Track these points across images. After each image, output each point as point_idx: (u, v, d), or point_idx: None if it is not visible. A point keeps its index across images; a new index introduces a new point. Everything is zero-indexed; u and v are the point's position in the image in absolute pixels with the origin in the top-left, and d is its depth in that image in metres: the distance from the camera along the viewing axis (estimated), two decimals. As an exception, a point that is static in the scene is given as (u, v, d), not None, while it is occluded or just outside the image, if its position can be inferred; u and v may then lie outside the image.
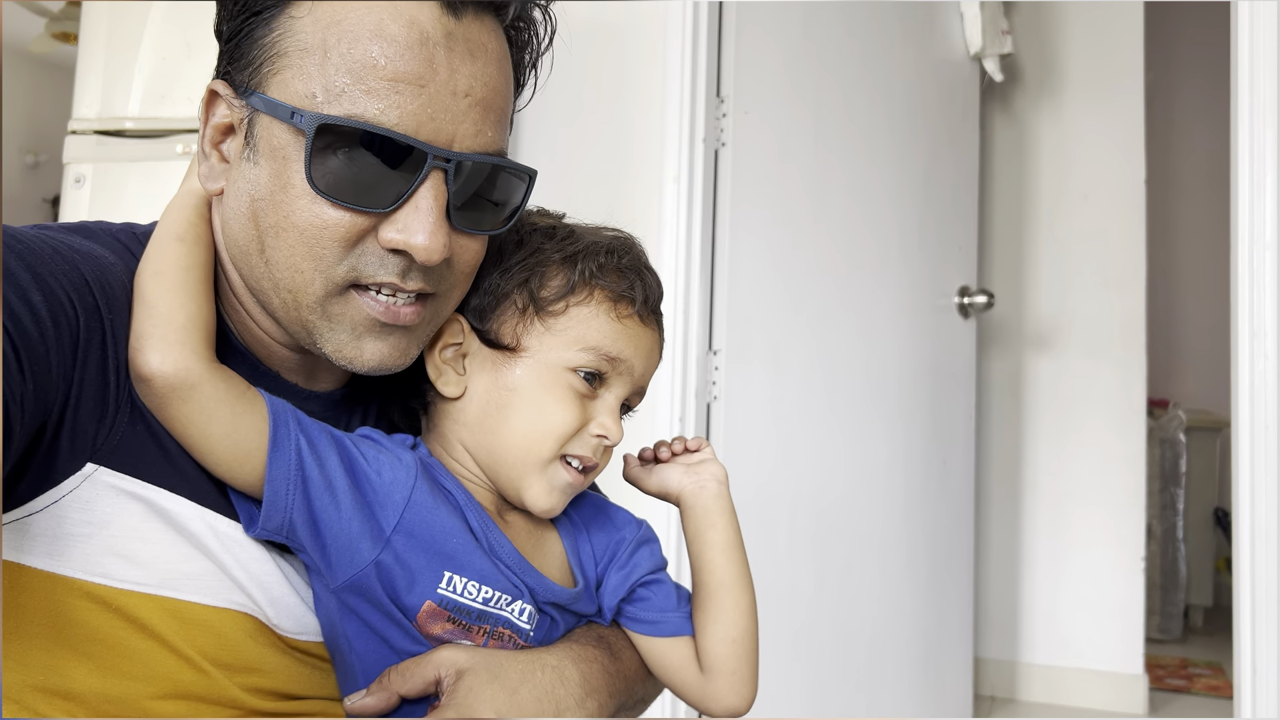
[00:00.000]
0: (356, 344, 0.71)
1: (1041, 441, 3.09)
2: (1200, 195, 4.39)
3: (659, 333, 0.81)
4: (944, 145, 2.63)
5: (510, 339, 0.76)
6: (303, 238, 0.68)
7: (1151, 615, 3.67)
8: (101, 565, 0.65)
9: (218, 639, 0.68)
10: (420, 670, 0.71)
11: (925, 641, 2.54)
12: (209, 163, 0.74)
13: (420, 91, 0.67)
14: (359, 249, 0.69)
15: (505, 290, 0.77)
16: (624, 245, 0.81)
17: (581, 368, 0.76)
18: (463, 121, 0.69)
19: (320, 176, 0.66)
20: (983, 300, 2.69)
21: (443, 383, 0.77)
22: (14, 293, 0.60)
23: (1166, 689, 3.16)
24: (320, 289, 0.69)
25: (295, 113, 0.66)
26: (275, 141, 0.68)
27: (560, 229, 0.81)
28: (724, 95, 2.12)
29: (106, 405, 0.65)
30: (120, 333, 0.67)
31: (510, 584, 0.74)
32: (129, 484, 0.66)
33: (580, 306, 0.76)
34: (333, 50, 0.67)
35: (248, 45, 0.70)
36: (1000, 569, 3.09)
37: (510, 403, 0.76)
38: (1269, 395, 1.67)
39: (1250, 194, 1.71)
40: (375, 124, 0.66)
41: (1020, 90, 3.15)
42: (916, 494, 2.51)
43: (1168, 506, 3.92)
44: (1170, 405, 4.07)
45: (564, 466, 0.76)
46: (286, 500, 0.68)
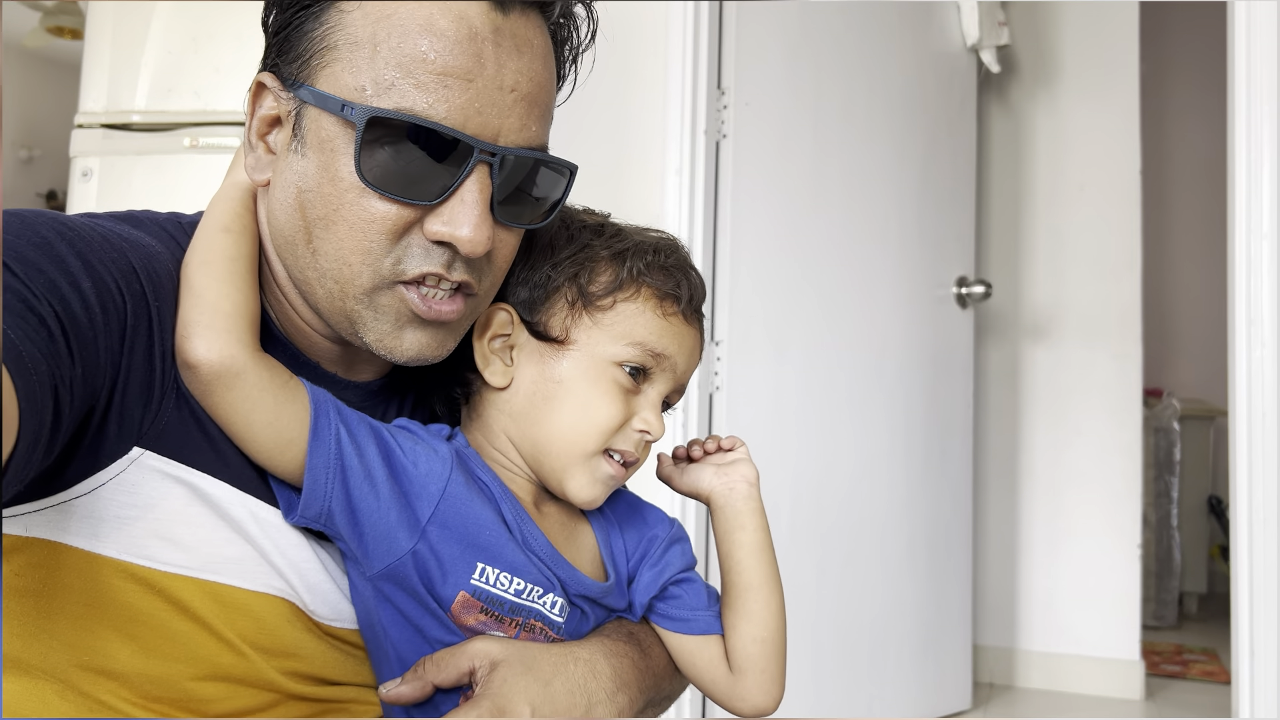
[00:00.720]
0: (397, 334, 0.72)
1: (1038, 430, 3.11)
2: (1193, 186, 4.41)
3: (700, 332, 0.82)
4: (942, 136, 2.65)
5: (559, 331, 0.77)
6: (351, 230, 0.69)
7: (1147, 602, 3.70)
8: (145, 548, 0.66)
9: (257, 623, 0.69)
10: (454, 660, 0.72)
11: (925, 628, 2.56)
12: (255, 154, 0.75)
13: (468, 86, 0.68)
14: (404, 241, 0.70)
15: (556, 283, 0.78)
16: (670, 245, 0.82)
17: (627, 362, 0.77)
18: (509, 116, 0.70)
19: (369, 169, 0.67)
20: (980, 290, 2.71)
21: (490, 372, 0.78)
22: (64, 279, 0.61)
23: (1162, 675, 3.19)
24: (367, 281, 0.70)
25: (346, 105, 0.67)
26: (323, 134, 0.70)
27: (609, 227, 0.82)
28: (725, 87, 2.13)
29: (153, 391, 0.66)
30: (166, 320, 0.68)
31: (542, 576, 0.75)
32: (174, 468, 0.67)
33: (628, 302, 0.77)
34: (382, 44, 0.68)
35: (297, 38, 0.71)
36: (998, 557, 3.11)
37: (556, 394, 0.77)
38: (1266, 383, 1.69)
39: (1247, 184, 1.73)
40: (424, 117, 0.67)
41: (1016, 82, 3.16)
42: (916, 482, 2.53)
43: (1162, 494, 3.94)
44: (1164, 394, 4.09)
45: (606, 460, 0.77)
46: (326, 489, 0.69)
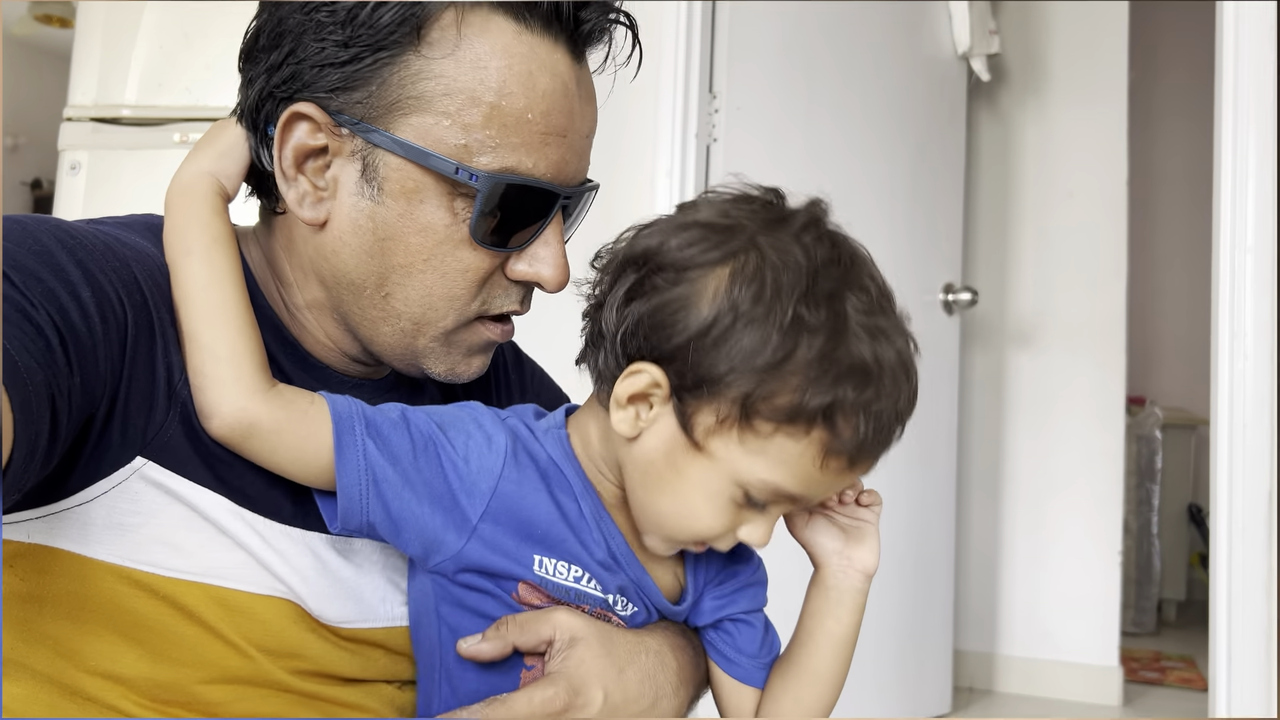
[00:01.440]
0: (466, 361, 0.76)
1: (1022, 436, 3.13)
2: (1178, 195, 4.44)
3: (875, 462, 0.69)
4: (931, 143, 2.66)
5: (699, 435, 0.66)
6: (441, 279, 0.71)
7: (1126, 609, 3.73)
8: (147, 554, 0.65)
9: (262, 625, 0.69)
10: (536, 626, 0.71)
11: (906, 632, 2.57)
12: (297, 189, 0.72)
13: (563, 141, 0.71)
14: (489, 285, 0.73)
15: (724, 384, 0.63)
16: (894, 373, 0.65)
17: (751, 494, 0.67)
18: (583, 160, 0.74)
19: (479, 229, 0.70)
20: (966, 297, 2.72)
21: (618, 419, 0.69)
22: (64, 288, 0.60)
23: (1140, 681, 3.21)
24: (451, 323, 0.73)
25: (460, 168, 0.68)
26: (409, 183, 0.69)
27: (823, 319, 0.63)
28: (716, 91, 2.14)
29: (156, 402, 0.66)
30: (170, 331, 0.67)
31: (610, 573, 0.72)
32: (174, 481, 0.66)
33: (788, 440, 0.64)
34: (481, 100, 0.67)
35: (368, 78, 0.68)
36: (980, 562, 3.13)
37: (668, 482, 0.68)
38: (1247, 394, 1.70)
39: (1232, 198, 1.74)
40: (531, 176, 0.69)
41: (1006, 89, 3.18)
42: (900, 487, 2.54)
43: (1143, 502, 3.97)
44: (1147, 402, 4.12)
45: (697, 545, 0.72)
46: (361, 505, 0.68)
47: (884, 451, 0.67)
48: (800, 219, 0.68)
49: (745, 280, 0.64)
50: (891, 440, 0.67)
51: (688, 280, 0.65)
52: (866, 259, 0.70)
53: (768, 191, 0.72)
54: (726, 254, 0.65)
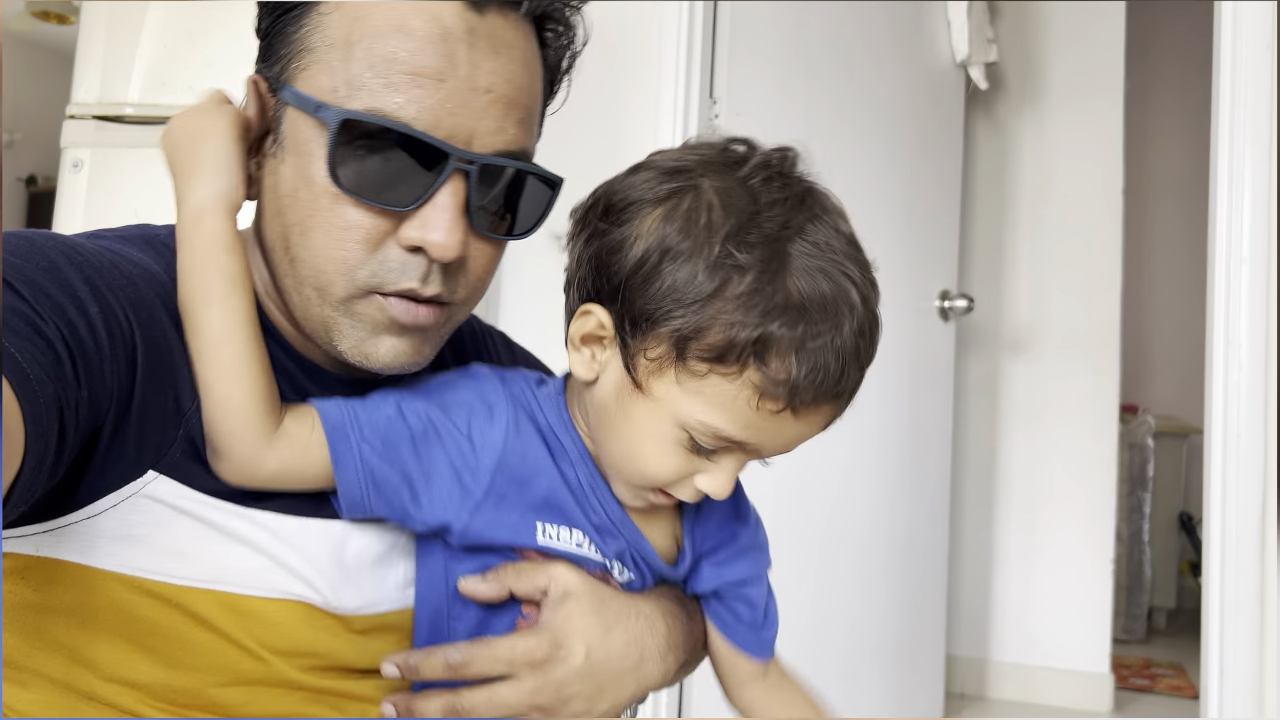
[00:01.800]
0: (374, 341, 0.71)
1: (1016, 444, 3.14)
2: (1173, 205, 4.46)
3: (827, 415, 0.67)
4: (929, 150, 2.67)
5: (640, 375, 0.66)
6: (326, 237, 0.68)
7: (1116, 616, 3.73)
8: (158, 563, 0.66)
9: (274, 628, 0.69)
10: (534, 575, 0.72)
11: (899, 638, 2.58)
12: (252, 160, 0.75)
13: (440, 86, 0.66)
14: (381, 252, 0.69)
15: (661, 323, 0.64)
16: (836, 304, 0.63)
17: (692, 435, 0.66)
18: (483, 118, 0.68)
19: (343, 174, 0.66)
20: (963, 304, 2.73)
21: (574, 362, 0.71)
22: (71, 303, 0.61)
23: (1131, 688, 3.23)
24: (343, 291, 0.69)
25: (320, 107, 0.67)
26: (300, 137, 0.69)
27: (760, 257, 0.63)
28: (717, 97, 2.14)
29: (168, 416, 0.67)
30: (176, 348, 0.68)
31: (607, 535, 0.73)
32: (183, 492, 0.67)
33: (722, 379, 0.63)
34: (356, 45, 0.67)
35: (279, 41, 0.71)
36: (973, 568, 3.14)
37: (617, 423, 0.69)
38: (1241, 405, 1.71)
39: (1228, 209, 1.75)
40: (394, 118, 0.66)
41: (1003, 98, 3.19)
42: (894, 492, 2.55)
43: (1135, 510, 3.98)
44: (1139, 410, 4.13)
45: (655, 493, 0.71)
46: (364, 503, 0.70)
47: (829, 398, 0.64)
48: (756, 163, 0.68)
49: (677, 218, 0.64)
50: (834, 385, 0.64)
51: (627, 221, 0.66)
52: (832, 209, 0.69)
53: (738, 140, 0.71)
54: (666, 194, 0.66)
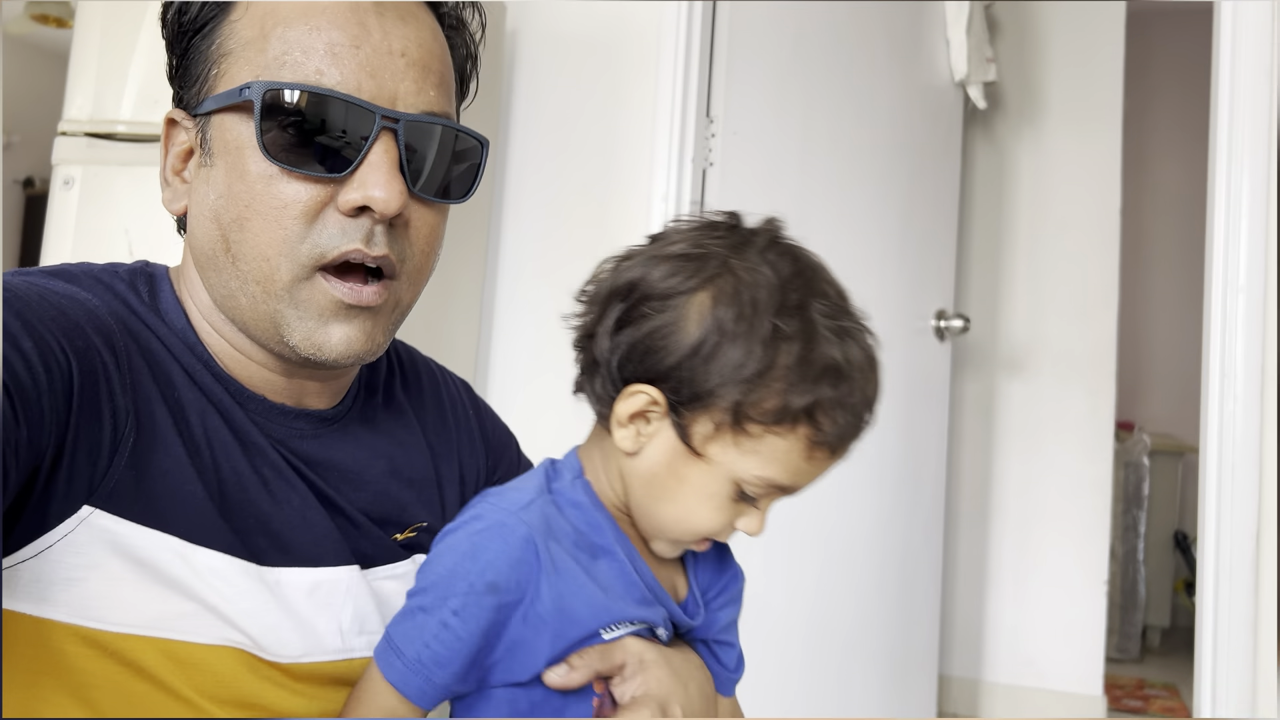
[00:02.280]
0: (324, 330, 0.71)
1: (1011, 463, 3.14)
2: (1169, 225, 4.47)
3: (844, 455, 0.76)
4: (926, 170, 2.66)
5: (697, 443, 0.72)
6: (265, 222, 0.69)
7: (1110, 635, 3.73)
8: (94, 609, 0.64)
9: (215, 677, 0.68)
10: (612, 654, 0.74)
11: (892, 657, 2.57)
12: (171, 188, 0.76)
13: (356, 51, 0.69)
14: (319, 222, 0.69)
15: (716, 397, 0.70)
16: (860, 367, 0.73)
17: (748, 490, 0.74)
18: (403, 80, 0.71)
19: (272, 147, 0.68)
20: (959, 324, 2.72)
21: (620, 437, 0.75)
22: (5, 341, 0.59)
23: (1124, 709, 3.22)
24: (287, 273, 0.70)
25: (242, 88, 0.68)
26: (228, 136, 0.70)
27: (793, 326, 0.71)
28: (714, 116, 2.14)
29: (102, 448, 0.65)
30: (114, 373, 0.67)
31: (649, 607, 0.77)
32: (122, 526, 0.65)
33: (777, 438, 0.71)
34: (271, 34, 0.69)
35: (192, 64, 0.73)
36: (967, 588, 3.13)
37: (670, 488, 0.75)
38: (1237, 435, 1.71)
39: (1225, 238, 1.75)
40: (316, 86, 0.68)
41: (1002, 118, 3.19)
42: (889, 511, 2.54)
43: (1129, 528, 3.98)
44: (1135, 429, 4.13)
45: (700, 542, 0.78)
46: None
47: (857, 435, 0.75)
48: (762, 239, 0.76)
49: (725, 302, 0.71)
50: (864, 427, 0.75)
51: (673, 307, 0.72)
52: (821, 266, 0.78)
53: (728, 216, 0.78)
54: (704, 280, 0.73)
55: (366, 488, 0.81)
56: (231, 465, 0.72)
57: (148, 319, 0.73)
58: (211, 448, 0.71)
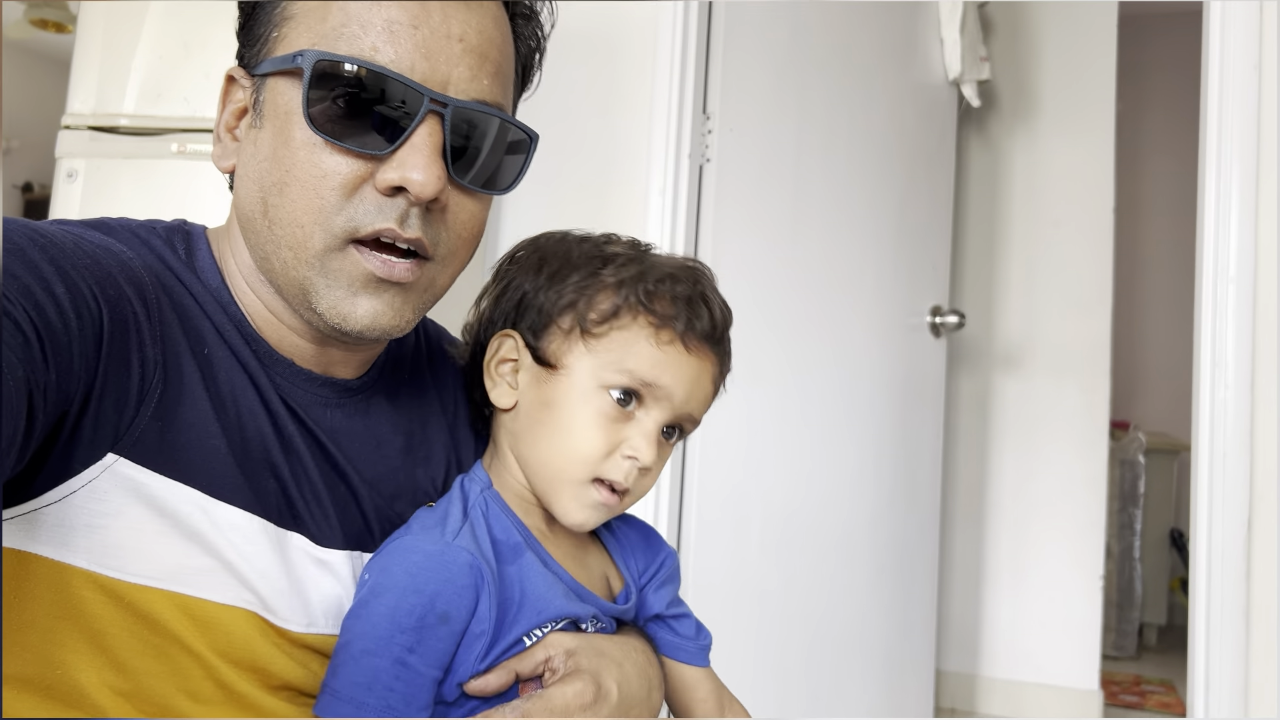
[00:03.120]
0: (351, 300, 0.71)
1: (1007, 460, 3.15)
2: (1164, 223, 4.49)
3: (713, 363, 0.80)
4: (921, 167, 2.68)
5: (554, 357, 0.78)
6: (303, 189, 0.69)
7: (1107, 632, 3.74)
8: (113, 557, 0.65)
9: (228, 637, 0.68)
10: (533, 654, 0.75)
11: (888, 653, 2.58)
12: (222, 145, 0.77)
13: (414, 32, 0.69)
14: (357, 197, 0.70)
15: (558, 309, 0.78)
16: (686, 274, 0.80)
17: (612, 388, 0.76)
18: (457, 65, 0.71)
19: (319, 120, 0.68)
20: (954, 320, 2.73)
21: (497, 394, 0.81)
22: (39, 285, 0.60)
23: (1120, 705, 3.23)
24: (320, 242, 0.70)
25: (296, 55, 0.69)
26: (279, 100, 0.71)
27: (625, 255, 0.81)
28: (710, 112, 2.16)
29: (129, 397, 0.65)
30: (144, 325, 0.67)
31: (574, 601, 0.78)
32: (145, 476, 0.66)
33: (622, 330, 0.77)
34: (333, 4, 0.70)
35: (256, 24, 0.74)
36: (963, 584, 3.14)
37: (545, 419, 0.78)
38: (1228, 424, 1.73)
39: (1215, 228, 1.77)
40: (369, 61, 0.68)
41: (996, 116, 3.21)
42: (884, 508, 2.55)
43: (1126, 526, 3.99)
44: (1130, 427, 4.14)
45: (595, 487, 0.78)
46: None
47: (711, 342, 0.79)
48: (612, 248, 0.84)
49: (571, 246, 0.82)
50: (709, 328, 0.79)
51: (521, 262, 0.83)
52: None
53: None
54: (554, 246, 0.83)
55: (382, 461, 0.82)
56: (256, 425, 0.73)
57: (182, 275, 0.74)
58: (237, 405, 0.72)
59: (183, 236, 0.77)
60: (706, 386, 0.80)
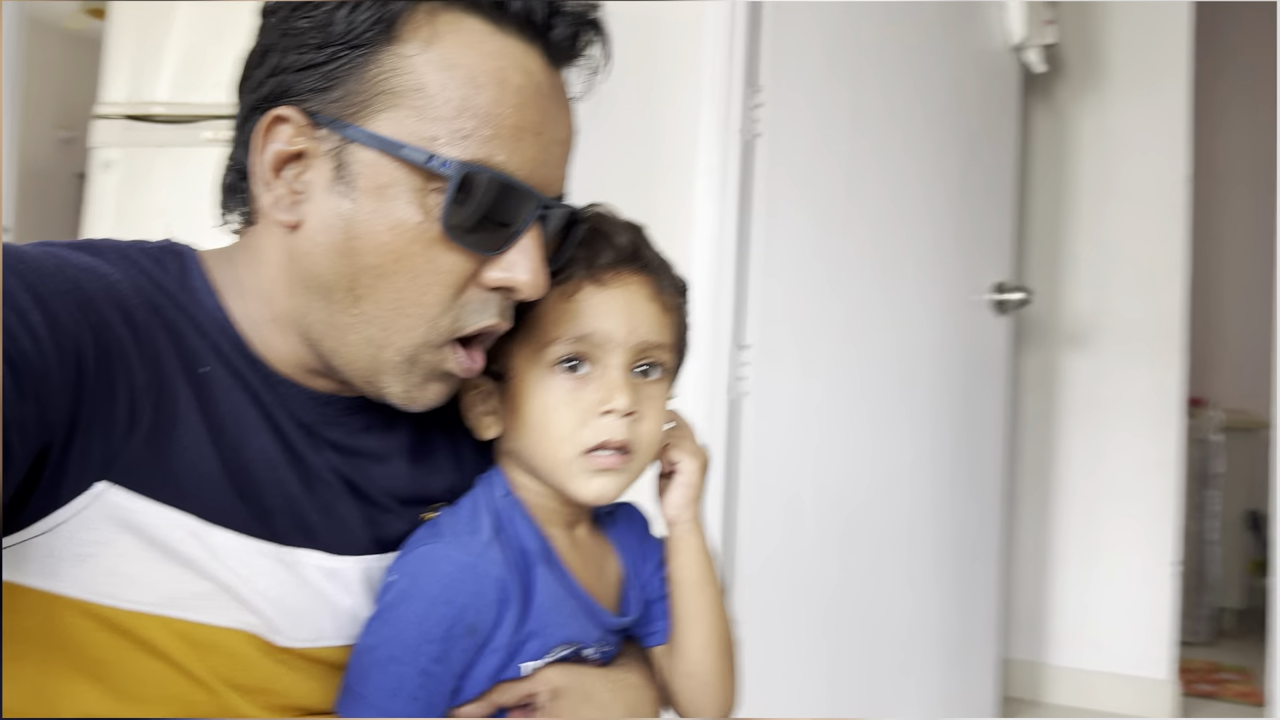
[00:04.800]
0: (423, 388, 0.73)
1: (1075, 441, 3.05)
2: (1244, 192, 4.31)
3: (641, 282, 0.79)
4: (982, 138, 2.59)
5: (502, 369, 0.78)
6: (413, 281, 0.68)
7: (1182, 618, 3.63)
8: (106, 585, 0.64)
9: (230, 659, 0.67)
10: (519, 688, 0.76)
11: (951, 641, 2.52)
12: (274, 192, 0.72)
13: (537, 140, 0.70)
14: (464, 296, 0.70)
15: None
16: (580, 225, 0.79)
17: (556, 360, 0.76)
18: (558, 168, 0.73)
19: (450, 222, 0.67)
20: (1019, 297, 2.65)
21: (483, 429, 0.81)
22: (14, 314, 0.58)
23: (1196, 694, 3.12)
24: (421, 337, 0.70)
25: (432, 157, 0.67)
26: (381, 178, 0.68)
27: None
28: (760, 85, 2.08)
29: (116, 422, 0.64)
30: (129, 349, 0.65)
31: (586, 625, 0.79)
32: (135, 501, 0.64)
33: (530, 309, 0.76)
34: (455, 94, 0.67)
35: (344, 77, 0.69)
36: (1029, 569, 3.06)
37: (523, 421, 0.78)
38: (1318, 406, 1.62)
39: (1304, 197, 1.66)
40: (503, 171, 0.68)
41: (1062, 82, 3.08)
42: (945, 492, 2.48)
43: (1201, 508, 3.88)
44: (1207, 404, 4.01)
45: (591, 457, 0.77)
46: None
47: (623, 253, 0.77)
48: None
49: None
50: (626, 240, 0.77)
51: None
52: None
53: None
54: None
55: (393, 472, 0.81)
56: (260, 445, 0.72)
57: (176, 296, 0.72)
58: (239, 426, 0.71)
59: (174, 256, 0.75)
60: (646, 307, 0.78)
